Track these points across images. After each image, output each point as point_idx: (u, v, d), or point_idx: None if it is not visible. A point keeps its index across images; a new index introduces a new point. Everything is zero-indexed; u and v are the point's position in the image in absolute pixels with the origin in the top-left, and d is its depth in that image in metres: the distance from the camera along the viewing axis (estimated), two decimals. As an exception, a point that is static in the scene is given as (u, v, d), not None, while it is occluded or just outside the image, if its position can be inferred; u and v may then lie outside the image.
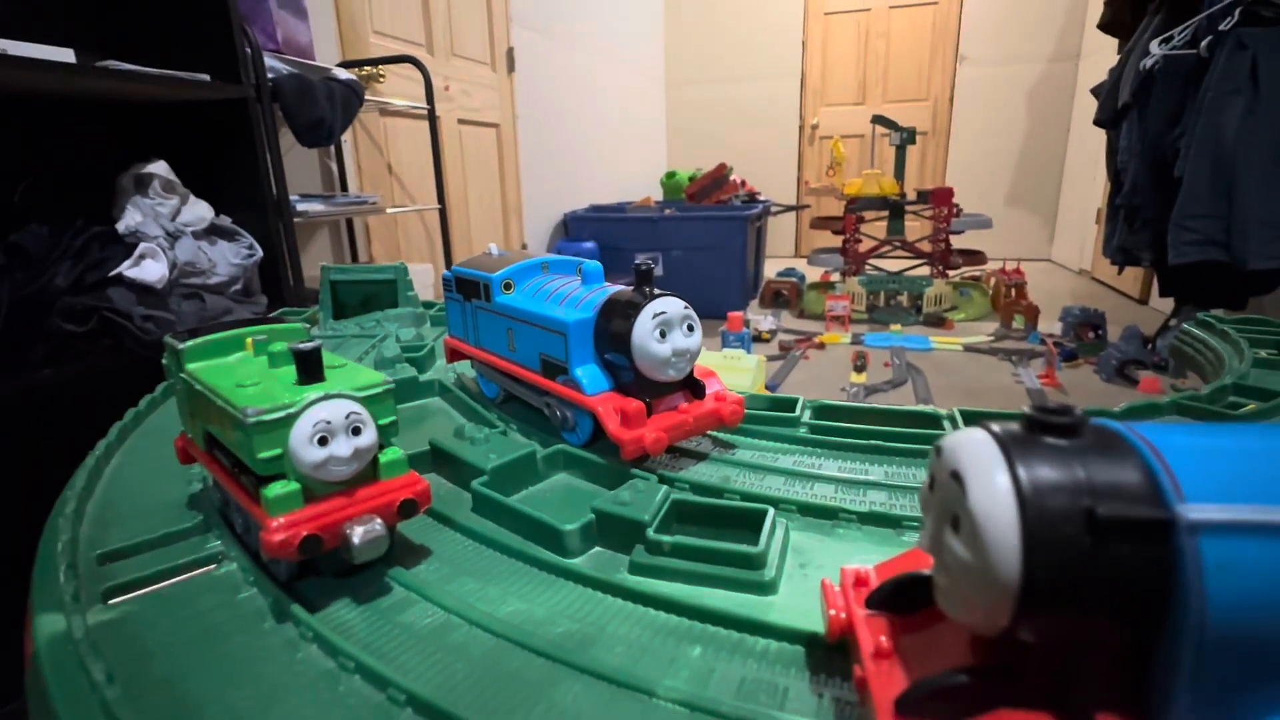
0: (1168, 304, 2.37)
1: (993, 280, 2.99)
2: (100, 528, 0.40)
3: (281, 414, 0.31)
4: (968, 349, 2.53)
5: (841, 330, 2.80)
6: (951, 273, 3.07)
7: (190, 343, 0.37)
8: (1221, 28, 1.90)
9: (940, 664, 0.21)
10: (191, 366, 0.37)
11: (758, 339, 2.65)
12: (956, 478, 0.19)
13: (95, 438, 0.52)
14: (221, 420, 0.33)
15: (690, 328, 0.45)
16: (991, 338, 2.66)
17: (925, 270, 3.06)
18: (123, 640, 0.31)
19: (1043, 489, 0.18)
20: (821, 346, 2.60)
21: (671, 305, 0.44)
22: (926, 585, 0.23)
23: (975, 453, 0.19)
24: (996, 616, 0.18)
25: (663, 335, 0.43)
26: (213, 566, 0.36)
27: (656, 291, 0.45)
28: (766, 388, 1.82)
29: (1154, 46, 2.09)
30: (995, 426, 0.20)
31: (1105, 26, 2.59)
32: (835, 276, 3.16)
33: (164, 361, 0.40)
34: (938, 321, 2.86)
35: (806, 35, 4.53)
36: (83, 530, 0.39)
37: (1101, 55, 3.12)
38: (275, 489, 0.31)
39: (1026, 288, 2.83)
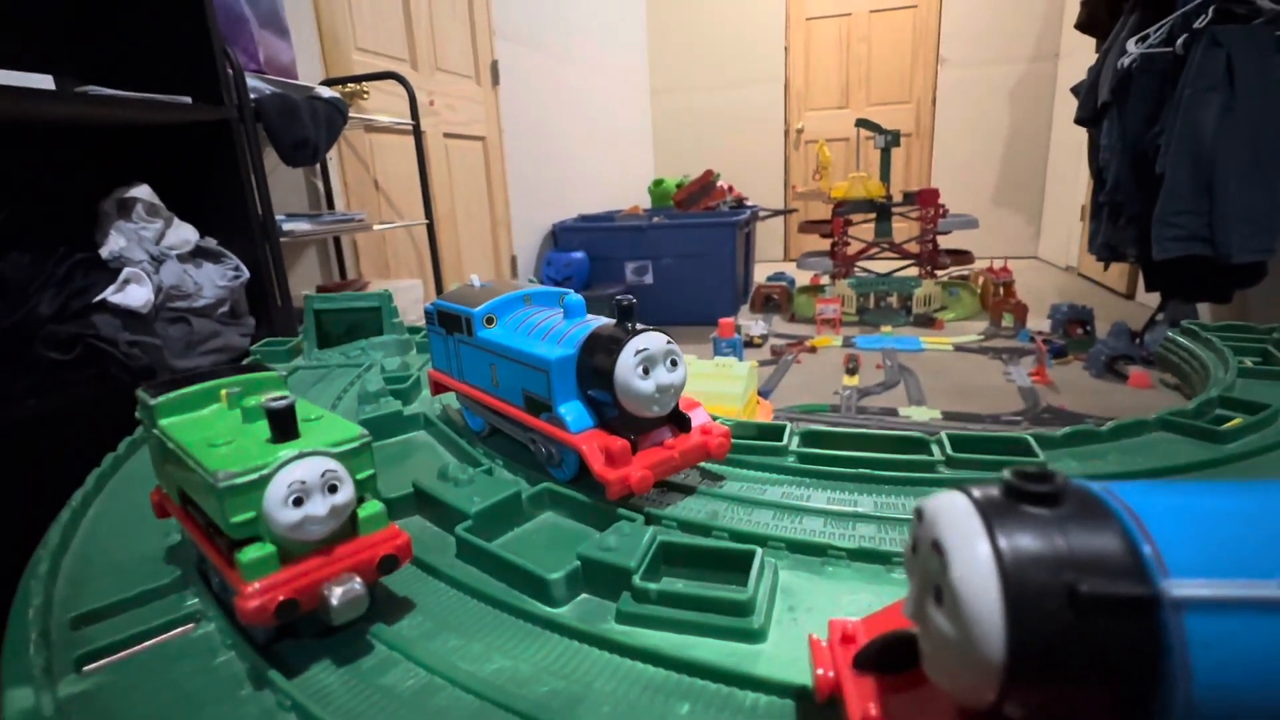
0: (1154, 299, 2.38)
1: (981, 279, 3.01)
2: (75, 586, 0.39)
3: (254, 476, 0.30)
4: (958, 348, 2.54)
5: (832, 333, 2.81)
6: (940, 273, 3.08)
7: (163, 398, 0.36)
8: (1196, 25, 1.92)
9: (928, 734, 0.21)
10: (164, 422, 0.36)
11: (749, 344, 2.65)
12: (938, 549, 0.19)
13: (81, 470, 0.52)
14: (194, 481, 0.32)
15: (674, 363, 0.44)
16: (981, 336, 2.67)
17: (914, 271, 3.07)
18: (94, 714, 0.30)
19: (1025, 563, 0.17)
20: (813, 350, 2.60)
21: (654, 341, 0.43)
22: (913, 645, 0.23)
23: (956, 521, 0.19)
24: (982, 692, 0.18)
25: (646, 372, 0.43)
26: (190, 626, 0.35)
27: (639, 326, 0.44)
28: (759, 394, 1.81)
29: (1131, 45, 2.11)
30: (976, 492, 0.20)
31: (1082, 26, 2.61)
32: (825, 279, 3.17)
33: (137, 415, 0.39)
34: (928, 322, 2.87)
35: (789, 41, 4.55)
36: (56, 590, 0.38)
37: (1080, 55, 3.15)
38: (250, 553, 0.30)
39: (1014, 286, 2.85)
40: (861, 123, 3.19)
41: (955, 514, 0.19)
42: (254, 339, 1.26)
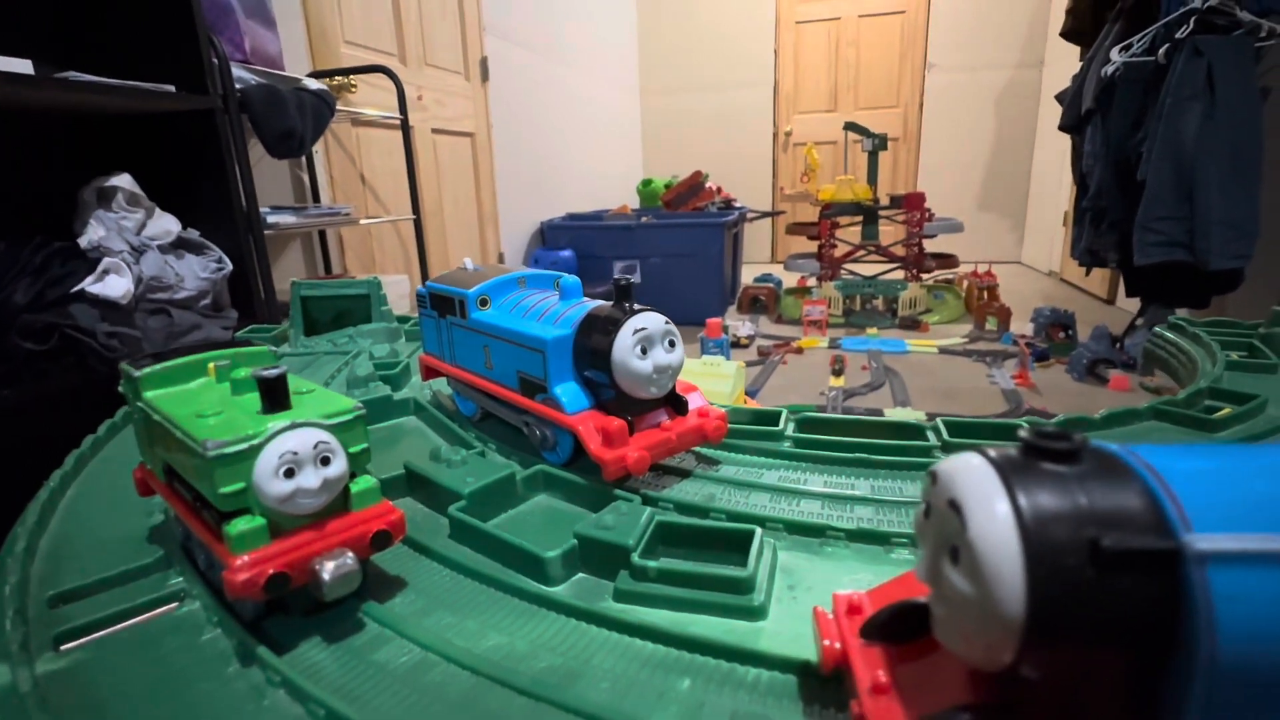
0: (1134, 304, 2.42)
1: (965, 283, 3.03)
2: (53, 565, 0.38)
3: (244, 446, 0.29)
4: (943, 351, 2.56)
5: (819, 334, 2.82)
6: (925, 276, 3.11)
7: (148, 369, 0.35)
8: (1178, 35, 1.95)
9: (940, 699, 0.20)
10: (149, 395, 0.35)
11: (736, 345, 2.66)
12: (955, 507, 0.19)
13: (58, 462, 0.50)
14: (180, 453, 0.31)
15: (671, 343, 0.44)
16: (966, 339, 2.69)
17: (900, 274, 3.09)
18: (74, 691, 0.29)
19: (1045, 519, 0.17)
20: (800, 351, 2.61)
21: (652, 321, 0.43)
22: (923, 614, 0.23)
23: (973, 481, 0.19)
24: (999, 653, 0.18)
25: (644, 352, 0.42)
26: (174, 605, 0.34)
27: (637, 306, 0.44)
28: (746, 394, 1.82)
29: (1115, 54, 2.14)
30: (992, 452, 0.20)
31: (1067, 34, 2.65)
32: (811, 281, 3.18)
33: (120, 389, 0.38)
34: (913, 324, 2.89)
35: (778, 44, 4.57)
36: (34, 569, 0.37)
37: (1065, 62, 3.19)
38: (238, 525, 0.29)
39: (998, 290, 2.87)
40: (849, 126, 3.20)
41: (972, 473, 0.19)
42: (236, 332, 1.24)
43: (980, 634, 0.18)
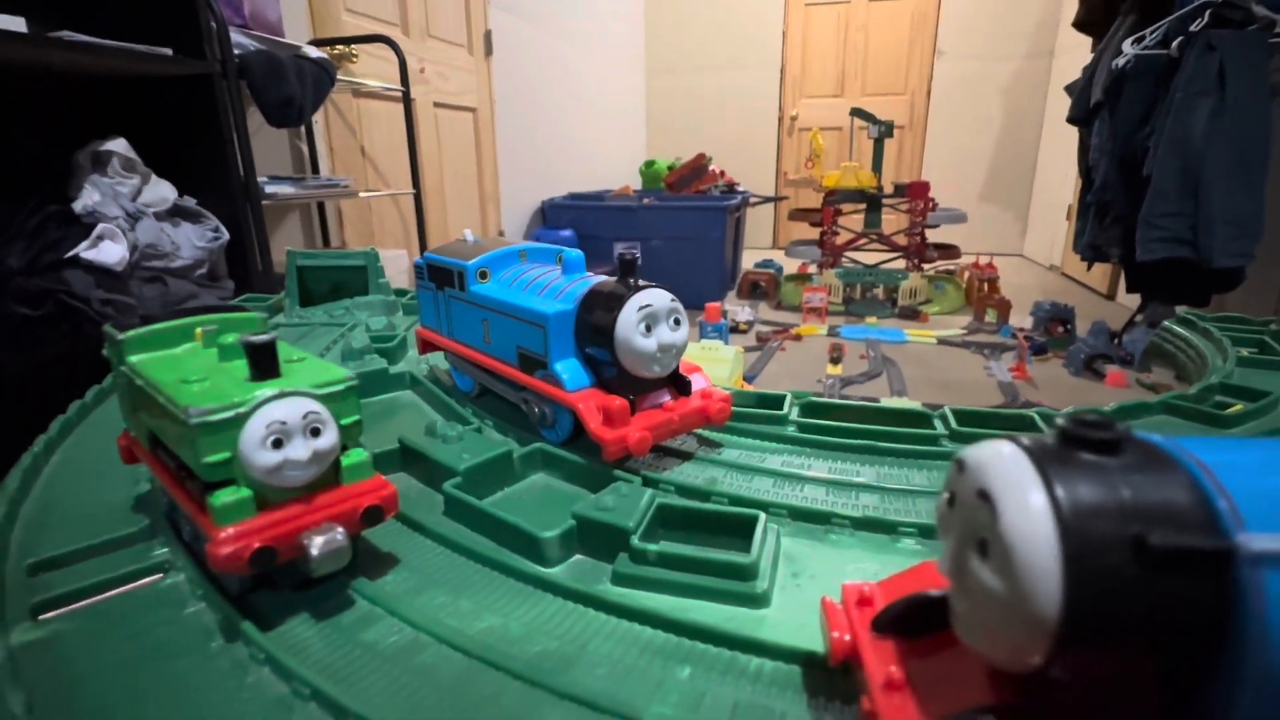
0: (1133, 300, 2.40)
1: (966, 274, 3.02)
2: (34, 533, 0.37)
3: (230, 414, 0.28)
4: (941, 342, 2.55)
5: (818, 322, 2.80)
6: (926, 266, 3.09)
7: (132, 333, 0.34)
8: (1192, 29, 1.92)
9: (957, 698, 0.19)
10: (133, 359, 0.34)
11: (735, 330, 2.64)
12: (984, 497, 0.17)
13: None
14: (164, 419, 0.30)
15: (676, 321, 0.43)
16: (964, 331, 2.67)
17: (901, 263, 3.07)
18: (50, 664, 0.28)
19: (1085, 512, 0.16)
20: (798, 338, 2.60)
21: (658, 298, 0.42)
22: (939, 608, 0.22)
23: (1006, 470, 0.17)
24: (1028, 653, 0.17)
25: (648, 329, 0.41)
26: (158, 577, 0.33)
27: (641, 283, 0.42)
28: (744, 379, 1.81)
29: (1127, 46, 2.10)
30: (1026, 439, 0.18)
31: (1080, 25, 2.61)
32: (812, 268, 3.16)
33: (104, 353, 0.36)
34: (912, 314, 2.87)
35: (787, 26, 4.51)
36: (14, 536, 0.36)
37: (1076, 53, 3.15)
38: (223, 496, 0.28)
39: (999, 282, 2.86)
40: (856, 112, 3.17)
41: (1005, 461, 0.18)
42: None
43: (1009, 633, 0.17)
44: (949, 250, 3.17)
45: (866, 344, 2.49)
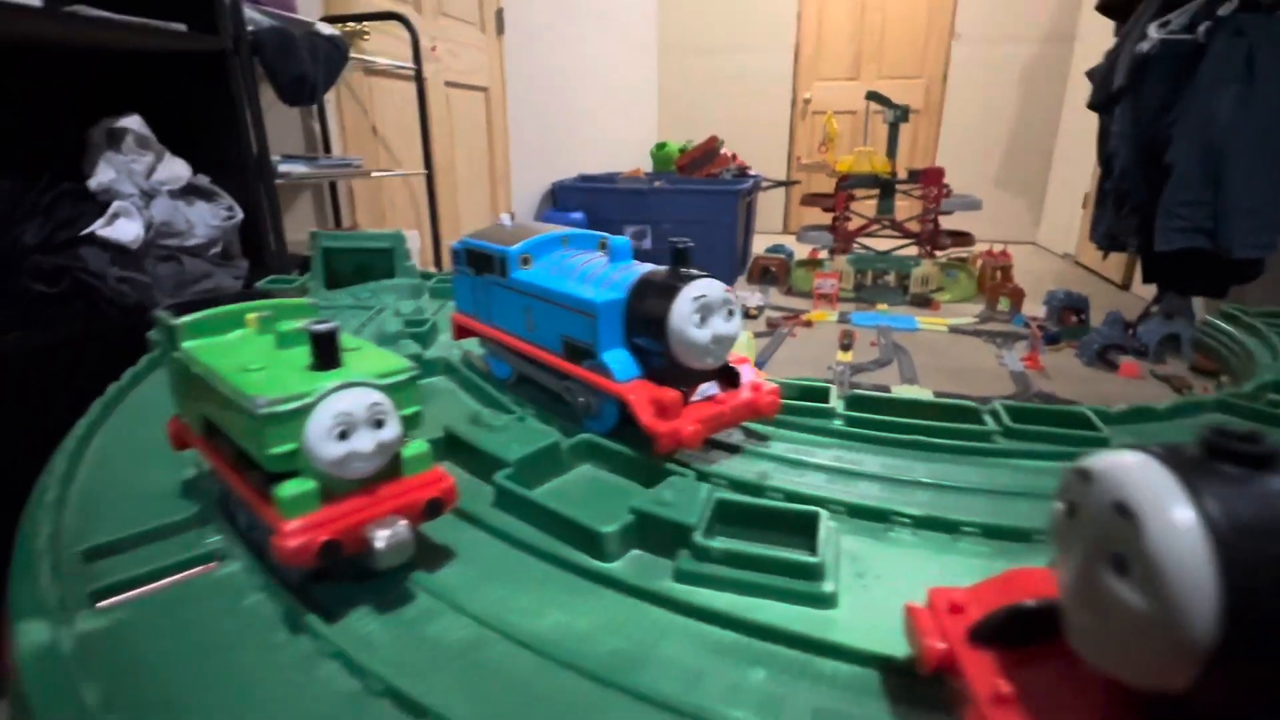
0: (1148, 290, 2.38)
1: (979, 262, 2.99)
2: (84, 519, 0.36)
3: (297, 405, 0.27)
4: (953, 330, 2.53)
5: (829, 308, 2.79)
6: (939, 254, 3.06)
7: (187, 319, 0.33)
8: (1220, 13, 1.88)
9: (1074, 716, 0.19)
10: (188, 345, 0.33)
11: (745, 315, 2.63)
12: (1123, 511, 0.17)
13: (69, 410, 0.48)
14: (225, 408, 0.29)
15: (730, 312, 0.42)
16: (977, 319, 2.66)
17: (913, 250, 3.05)
18: (115, 654, 0.27)
19: (1242, 530, 0.15)
20: (809, 324, 2.59)
21: (712, 288, 0.41)
22: (1046, 619, 0.21)
23: (1148, 482, 0.17)
24: (1172, 676, 0.16)
25: (702, 320, 0.40)
26: (213, 565, 0.33)
27: (694, 273, 0.41)
28: (755, 365, 1.80)
29: (1152, 30, 2.06)
30: (1157, 449, 0.18)
31: (1103, 8, 2.56)
32: (824, 254, 3.14)
33: (151, 335, 0.35)
34: (924, 302, 2.86)
35: (801, 7, 4.44)
36: (65, 522, 0.36)
37: (1096, 38, 3.10)
38: (289, 488, 0.28)
39: (1012, 270, 2.84)
40: (871, 95, 3.13)
41: (1144, 473, 0.17)
42: (247, 283, 1.22)
43: (1151, 654, 0.16)
44: (962, 237, 3.14)
45: (878, 331, 2.48)
